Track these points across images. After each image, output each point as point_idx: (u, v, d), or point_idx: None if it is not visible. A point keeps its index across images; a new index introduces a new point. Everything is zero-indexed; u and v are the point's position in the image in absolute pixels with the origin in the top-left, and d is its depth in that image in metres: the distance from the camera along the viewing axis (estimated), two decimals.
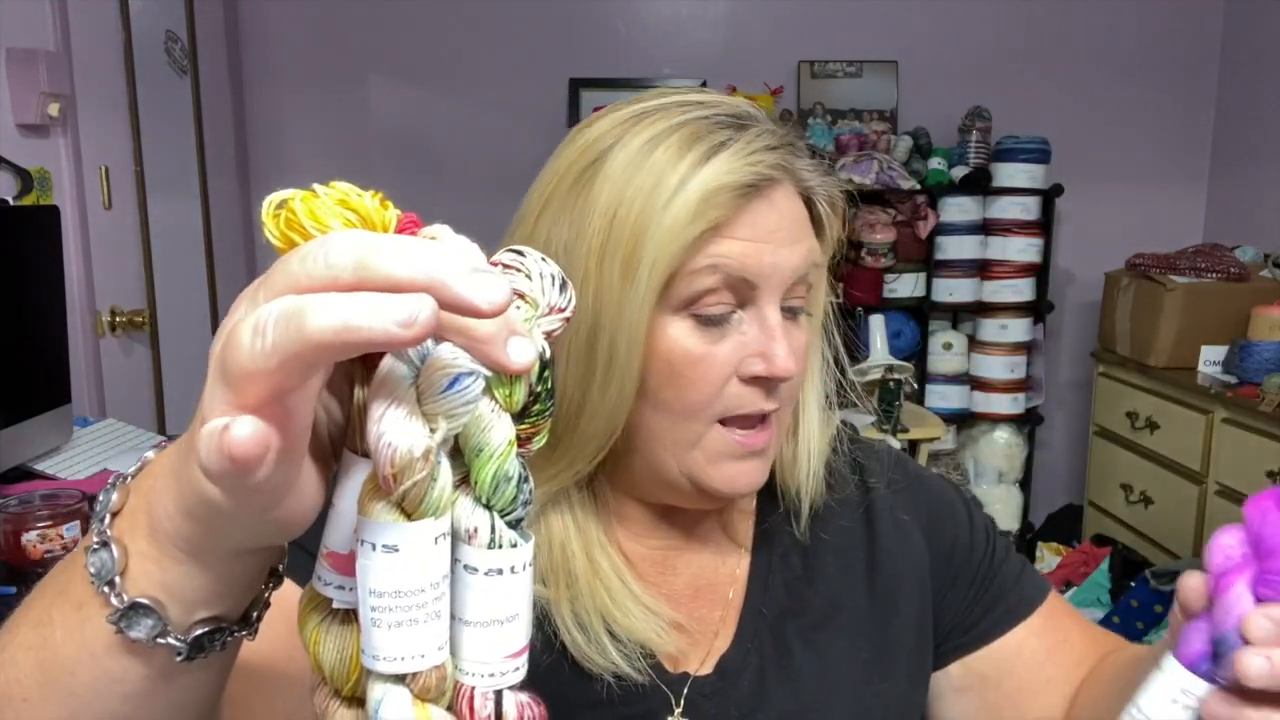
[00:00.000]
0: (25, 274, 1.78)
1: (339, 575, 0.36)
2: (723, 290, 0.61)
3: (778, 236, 0.61)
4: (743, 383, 0.62)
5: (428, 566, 0.33)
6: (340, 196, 0.34)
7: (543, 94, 3.29)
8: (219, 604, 0.38)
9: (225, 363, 0.30)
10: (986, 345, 3.25)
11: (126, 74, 2.46)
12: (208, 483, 0.32)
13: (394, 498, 0.32)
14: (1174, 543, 2.79)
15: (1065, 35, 3.37)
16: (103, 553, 0.37)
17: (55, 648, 0.38)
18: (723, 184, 0.59)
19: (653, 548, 0.71)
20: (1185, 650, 0.45)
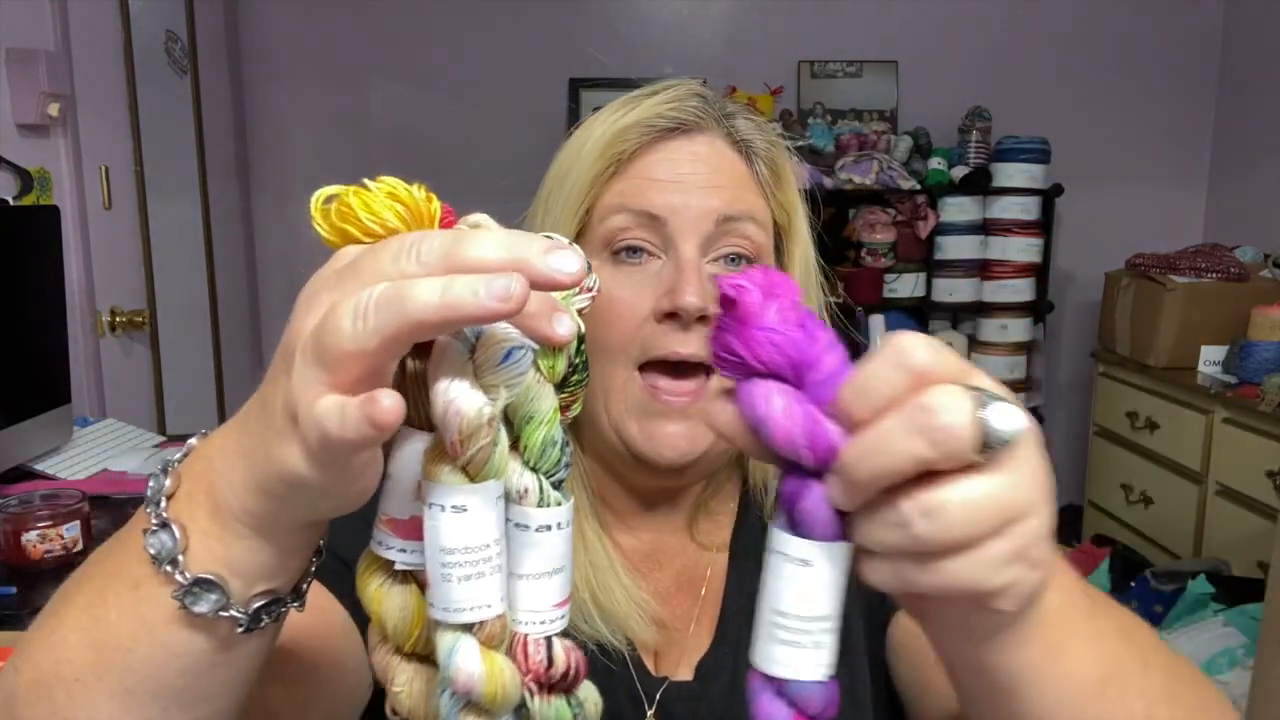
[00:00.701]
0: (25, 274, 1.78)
1: (400, 539, 0.38)
2: (636, 228, 0.64)
3: (692, 178, 0.64)
4: (657, 322, 0.63)
5: (491, 523, 0.36)
6: (389, 189, 0.37)
7: (543, 94, 3.29)
8: (277, 577, 0.40)
9: (323, 345, 0.33)
10: (986, 345, 3.25)
11: (126, 74, 2.46)
12: (300, 460, 0.35)
13: (460, 461, 0.35)
14: (1174, 543, 2.79)
15: (1065, 35, 3.36)
16: (162, 534, 0.39)
17: (110, 627, 0.40)
18: (631, 123, 0.64)
19: (642, 539, 0.72)
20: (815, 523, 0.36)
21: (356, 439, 0.32)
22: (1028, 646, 0.39)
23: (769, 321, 0.35)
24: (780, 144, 0.70)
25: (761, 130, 0.68)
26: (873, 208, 3.16)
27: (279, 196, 3.36)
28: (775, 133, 0.70)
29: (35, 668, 0.41)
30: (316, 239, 0.38)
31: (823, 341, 0.36)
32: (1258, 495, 2.45)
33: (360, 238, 0.37)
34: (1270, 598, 1.75)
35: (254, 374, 3.38)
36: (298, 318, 0.35)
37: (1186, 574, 2.44)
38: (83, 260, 2.24)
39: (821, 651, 0.37)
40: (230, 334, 3.11)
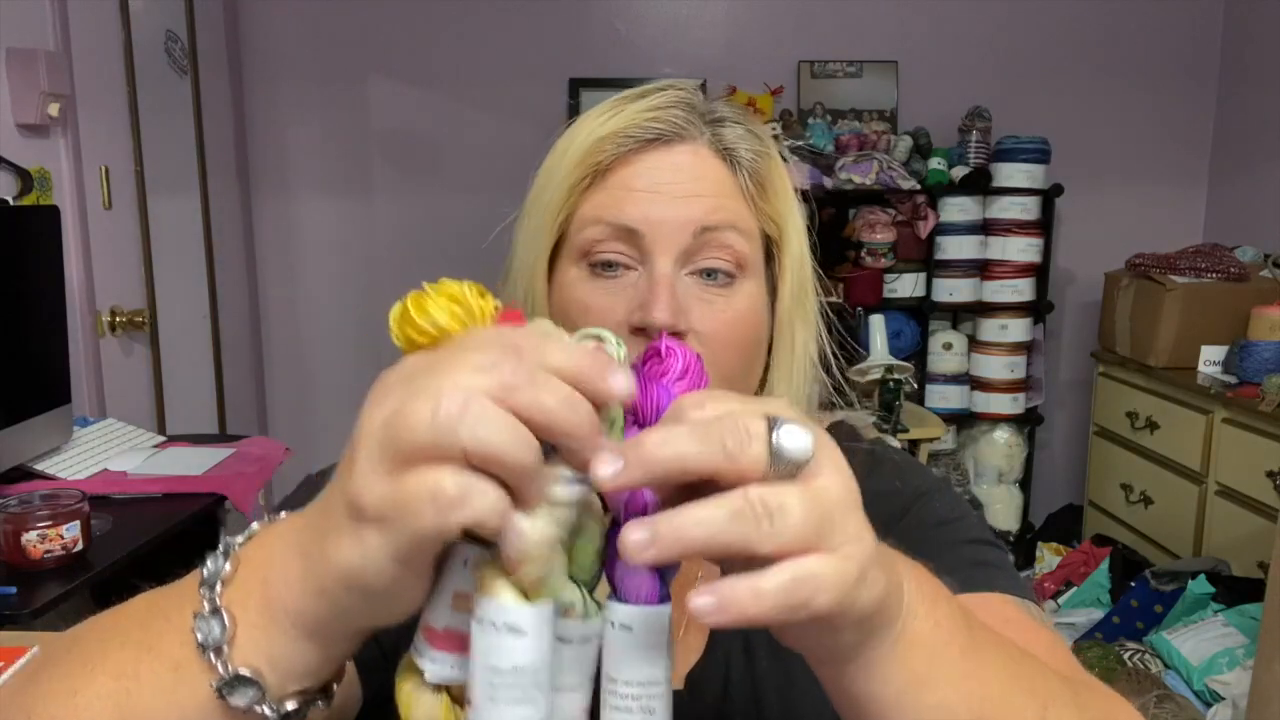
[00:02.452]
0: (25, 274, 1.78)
1: (434, 650, 0.38)
2: (612, 240, 0.63)
3: (671, 188, 0.62)
4: (630, 334, 0.62)
5: (544, 644, 0.36)
6: (448, 292, 0.38)
7: (543, 94, 3.29)
8: (313, 678, 0.40)
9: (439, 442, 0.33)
10: (986, 345, 3.25)
11: (126, 74, 2.46)
12: (358, 555, 0.35)
13: (519, 580, 0.35)
14: (1174, 543, 2.79)
15: (1065, 35, 3.37)
16: (212, 621, 0.39)
17: (142, 702, 0.40)
18: (609, 132, 0.63)
19: None
20: (636, 588, 0.38)
21: (439, 525, 0.33)
22: (889, 675, 0.39)
23: (671, 386, 0.38)
24: (770, 151, 0.67)
25: (750, 138, 0.66)
26: (873, 208, 3.16)
27: (279, 196, 3.36)
28: (769, 136, 0.68)
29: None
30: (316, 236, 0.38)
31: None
32: (1258, 495, 2.45)
33: (420, 340, 0.38)
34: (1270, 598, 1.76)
35: (254, 374, 3.38)
36: (367, 415, 0.36)
37: (1186, 574, 2.44)
38: (83, 260, 2.24)
39: (651, 716, 0.37)
40: (230, 334, 3.11)
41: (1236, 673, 2.10)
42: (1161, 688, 2.14)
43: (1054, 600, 2.79)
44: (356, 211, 3.39)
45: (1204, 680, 2.15)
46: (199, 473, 1.90)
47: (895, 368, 2.65)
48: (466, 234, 3.41)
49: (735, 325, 0.64)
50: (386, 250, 3.42)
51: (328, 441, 3.46)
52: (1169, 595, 2.44)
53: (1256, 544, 2.41)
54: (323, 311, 3.45)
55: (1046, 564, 3.08)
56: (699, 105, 0.65)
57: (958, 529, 0.70)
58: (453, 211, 3.35)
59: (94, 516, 1.59)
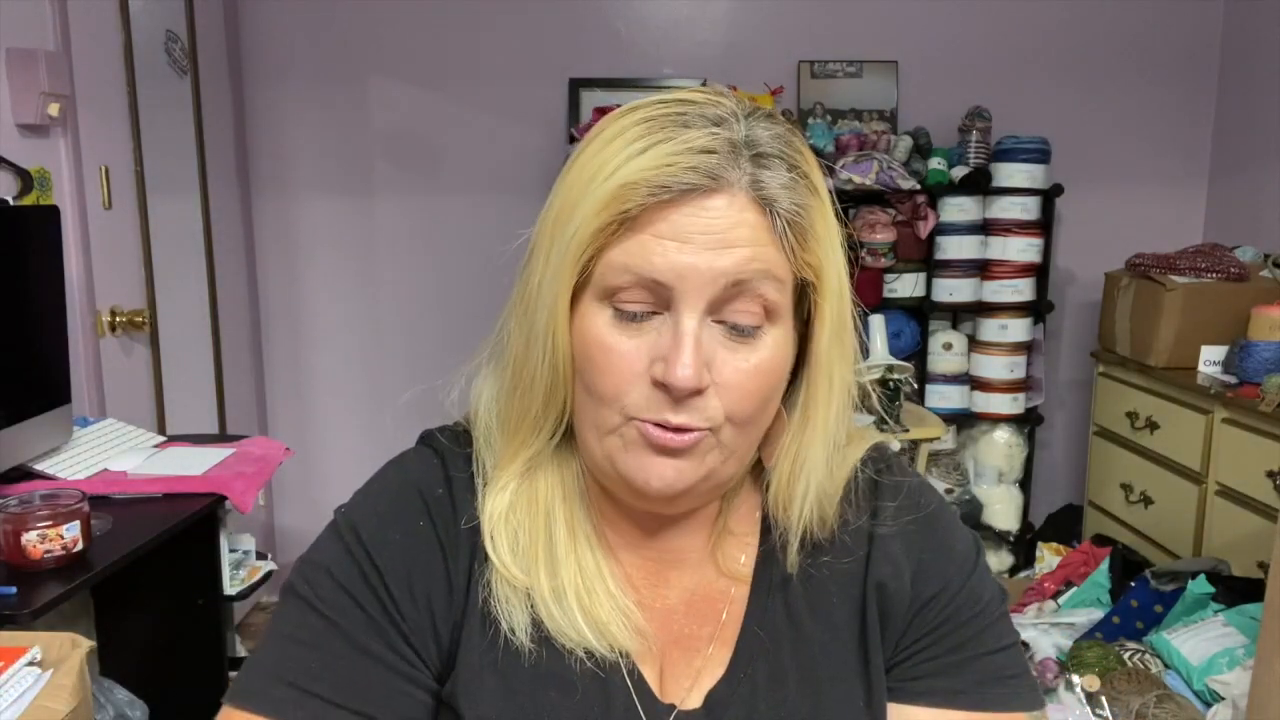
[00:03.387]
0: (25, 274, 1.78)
1: None
2: (638, 289, 0.60)
3: (702, 239, 0.59)
4: (653, 386, 0.61)
5: None
6: None
7: (543, 94, 3.29)
8: None
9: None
10: (986, 345, 3.25)
11: (126, 74, 2.46)
12: None
13: None
14: (1174, 543, 2.79)
15: (1065, 35, 3.37)
16: None
17: None
18: (638, 180, 0.58)
19: (646, 558, 0.71)
20: None
21: None
22: None
23: None
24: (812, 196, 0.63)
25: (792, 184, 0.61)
26: (873, 208, 3.16)
27: (279, 196, 3.36)
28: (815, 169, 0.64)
29: None
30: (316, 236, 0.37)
31: None
32: (1258, 495, 2.45)
33: None
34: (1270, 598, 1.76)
35: (254, 374, 3.38)
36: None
37: (1186, 574, 2.44)
38: (83, 260, 2.24)
39: None
40: (230, 334, 3.11)
41: (1236, 673, 2.10)
42: (1161, 688, 2.13)
43: (1054, 600, 2.79)
44: (356, 211, 3.39)
45: (1204, 680, 2.15)
46: (199, 473, 1.90)
47: (895, 368, 2.65)
48: (466, 234, 3.43)
49: (756, 376, 0.62)
50: (386, 250, 3.42)
51: (328, 441, 3.47)
52: (1169, 595, 2.44)
53: (1256, 544, 2.41)
54: (323, 311, 3.45)
55: (1046, 564, 3.08)
56: (740, 140, 0.60)
57: (989, 635, 0.70)
58: (453, 211, 3.35)
59: (94, 516, 1.59)
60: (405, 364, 3.42)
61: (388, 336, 3.47)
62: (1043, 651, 2.38)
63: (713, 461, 0.63)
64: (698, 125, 0.60)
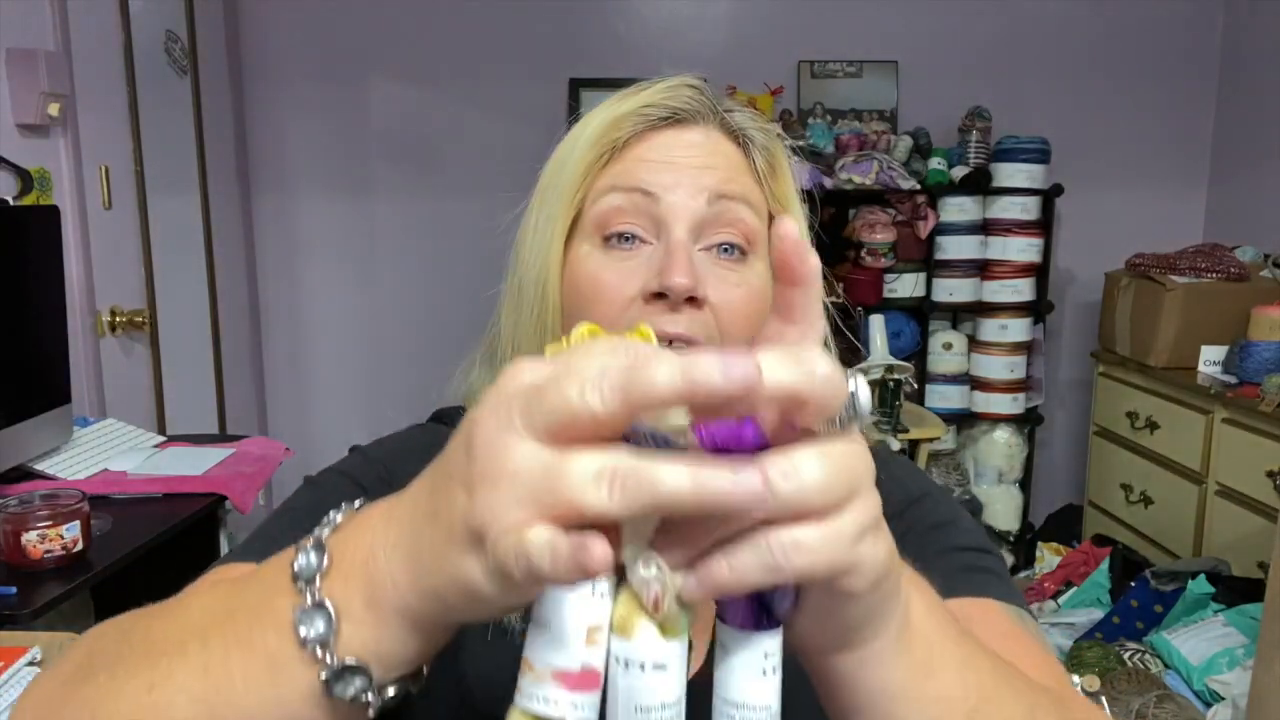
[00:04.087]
0: (25, 274, 1.78)
1: (569, 692, 0.37)
2: (628, 210, 0.64)
3: (685, 159, 0.64)
4: (645, 302, 0.63)
5: (683, 676, 0.37)
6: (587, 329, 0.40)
7: (543, 94, 3.29)
8: (412, 665, 0.40)
9: (553, 493, 0.32)
10: (986, 345, 3.25)
11: (126, 74, 2.46)
12: (483, 578, 0.35)
13: (659, 620, 0.36)
14: (1174, 543, 2.79)
15: (1065, 35, 3.37)
16: (316, 616, 0.39)
17: (234, 698, 0.40)
18: (625, 111, 0.65)
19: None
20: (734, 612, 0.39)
21: (563, 579, 0.33)
22: (895, 663, 0.39)
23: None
24: (776, 136, 0.70)
25: (757, 121, 0.69)
26: (873, 208, 3.16)
27: (279, 196, 3.36)
28: (774, 129, 0.70)
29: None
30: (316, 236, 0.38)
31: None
32: (1258, 495, 2.45)
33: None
34: (1270, 598, 1.76)
35: (254, 374, 3.38)
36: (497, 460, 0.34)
37: (1186, 574, 2.44)
38: (83, 260, 2.24)
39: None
40: (230, 334, 3.11)
41: (1236, 673, 2.10)
42: (1161, 688, 2.14)
43: (1054, 600, 2.79)
44: (356, 211, 3.39)
45: (1204, 680, 2.15)
46: (199, 473, 1.90)
47: (895, 368, 2.65)
48: (466, 234, 3.42)
49: (749, 300, 0.65)
50: (386, 250, 3.42)
51: (328, 441, 3.47)
52: (1169, 595, 2.44)
53: (1256, 544, 2.41)
54: (323, 311, 3.45)
55: (1046, 564, 3.08)
56: (707, 91, 0.68)
57: (952, 533, 0.70)
58: (453, 211, 3.34)
59: (94, 516, 1.59)
60: (405, 364, 3.42)
61: (388, 336, 3.47)
62: None
63: None
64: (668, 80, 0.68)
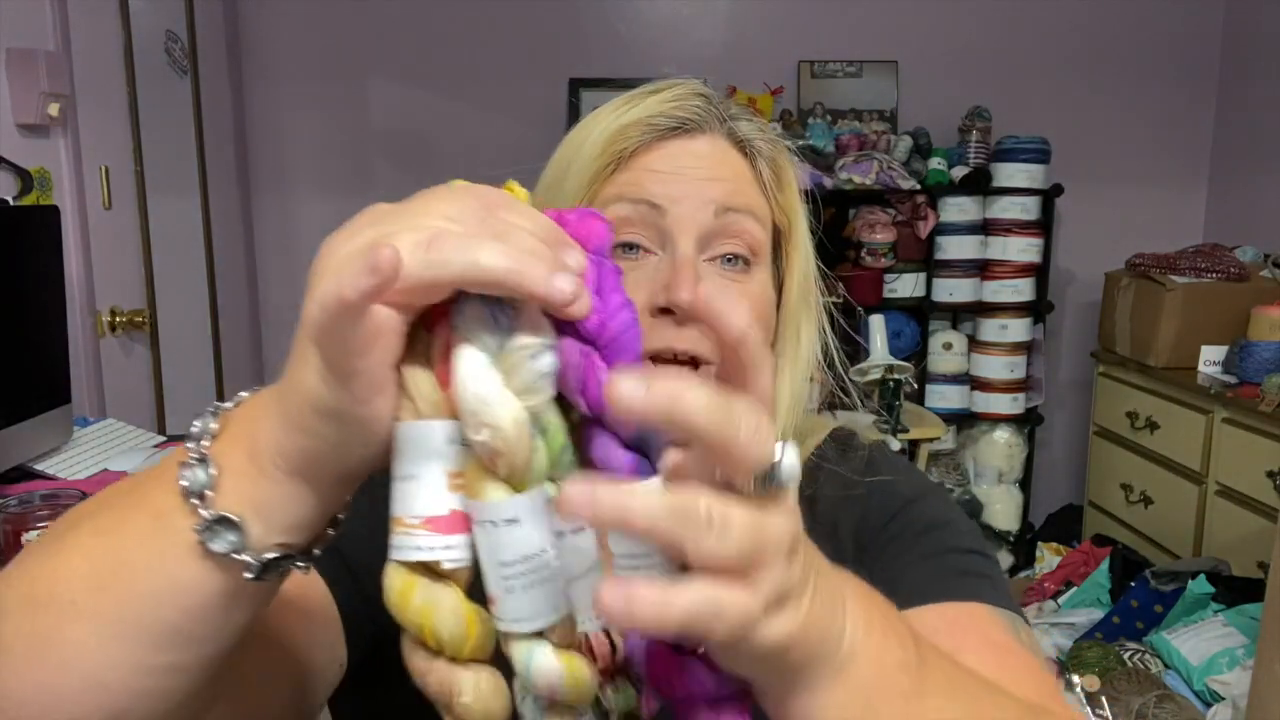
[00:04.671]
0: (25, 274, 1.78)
1: (444, 536, 0.38)
2: (634, 220, 0.63)
3: (692, 171, 0.64)
4: (651, 317, 0.62)
5: (544, 528, 0.37)
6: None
7: (543, 94, 3.29)
8: (296, 531, 0.40)
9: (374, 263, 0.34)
10: (986, 345, 3.25)
11: (126, 74, 2.46)
12: (316, 376, 0.36)
13: (503, 474, 0.36)
14: (1174, 543, 2.79)
15: (1065, 35, 3.36)
16: (198, 468, 0.40)
17: (123, 553, 0.40)
18: (632, 120, 0.64)
19: None
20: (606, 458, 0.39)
21: (358, 293, 0.33)
22: (826, 714, 0.39)
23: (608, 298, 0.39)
24: (783, 147, 0.69)
25: (764, 132, 0.68)
26: (873, 208, 3.16)
27: (279, 196, 3.36)
28: (777, 135, 0.70)
29: (31, 584, 0.41)
30: (316, 237, 0.39)
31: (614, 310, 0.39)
32: (1258, 495, 2.45)
33: None
34: (1270, 598, 1.76)
35: (254, 374, 3.37)
36: (331, 248, 0.37)
37: (1186, 574, 2.44)
38: (83, 260, 2.24)
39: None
40: (230, 334, 3.11)
41: (1236, 673, 2.10)
42: (1161, 688, 2.14)
43: (1054, 600, 2.79)
44: (356, 211, 3.37)
45: (1204, 680, 2.15)
46: None
47: (895, 368, 2.65)
48: None
49: (753, 308, 0.64)
50: None
51: None
52: (1169, 595, 2.44)
53: (1256, 544, 2.41)
54: None
55: (1046, 564, 3.08)
56: (714, 99, 0.67)
57: (946, 535, 0.69)
58: None
59: None
60: None
61: None
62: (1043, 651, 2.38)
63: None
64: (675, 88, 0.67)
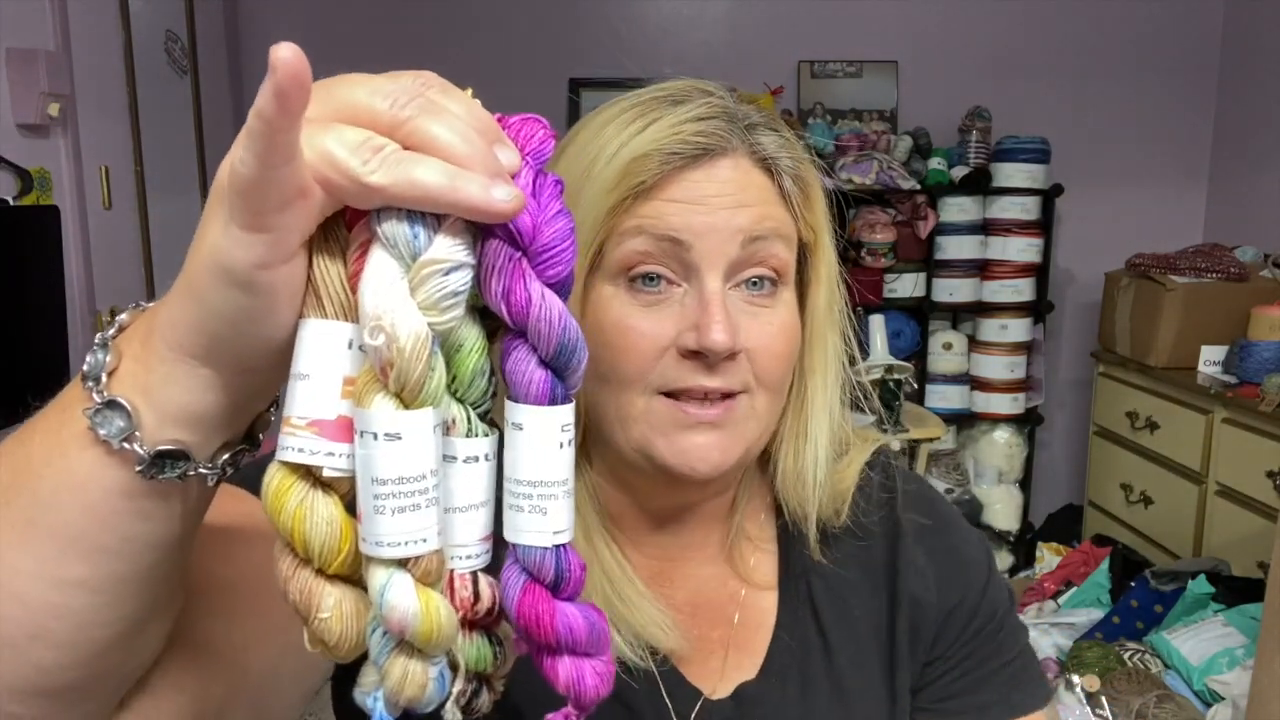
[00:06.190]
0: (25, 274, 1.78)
1: (329, 441, 0.36)
2: (656, 255, 0.59)
3: (716, 200, 0.59)
4: (681, 357, 0.59)
5: (429, 453, 0.34)
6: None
7: (543, 94, 3.29)
8: (193, 426, 0.38)
9: (319, 153, 0.33)
10: (986, 345, 3.25)
11: (126, 74, 2.46)
12: (221, 227, 0.34)
13: (394, 387, 0.34)
14: (1174, 543, 2.79)
15: (1065, 35, 3.37)
16: (99, 353, 0.38)
17: (30, 449, 0.39)
18: (649, 150, 0.59)
19: (651, 556, 0.70)
20: (528, 389, 0.37)
21: (275, 110, 0.31)
22: None
23: (543, 204, 0.37)
24: (808, 159, 0.65)
25: (788, 146, 0.64)
26: (873, 208, 3.16)
27: None
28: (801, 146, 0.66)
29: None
30: None
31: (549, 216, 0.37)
32: (1258, 495, 2.45)
33: None
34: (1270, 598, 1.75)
35: None
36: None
37: (1186, 574, 2.44)
38: (83, 260, 2.24)
39: (543, 517, 0.37)
40: None
41: (1236, 673, 2.10)
42: (1161, 688, 2.13)
43: (1054, 600, 2.79)
44: None
45: (1204, 680, 2.15)
46: None
47: (895, 368, 2.65)
48: None
49: (780, 337, 0.62)
50: None
51: None
52: (1169, 595, 2.44)
53: (1256, 544, 2.41)
54: None
55: (1046, 564, 3.08)
56: (736, 113, 0.63)
57: (1007, 629, 0.72)
58: None
59: None
60: None
61: None
62: (1043, 651, 2.38)
63: (750, 433, 0.62)
64: (690, 99, 0.61)
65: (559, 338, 0.36)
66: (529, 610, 0.37)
